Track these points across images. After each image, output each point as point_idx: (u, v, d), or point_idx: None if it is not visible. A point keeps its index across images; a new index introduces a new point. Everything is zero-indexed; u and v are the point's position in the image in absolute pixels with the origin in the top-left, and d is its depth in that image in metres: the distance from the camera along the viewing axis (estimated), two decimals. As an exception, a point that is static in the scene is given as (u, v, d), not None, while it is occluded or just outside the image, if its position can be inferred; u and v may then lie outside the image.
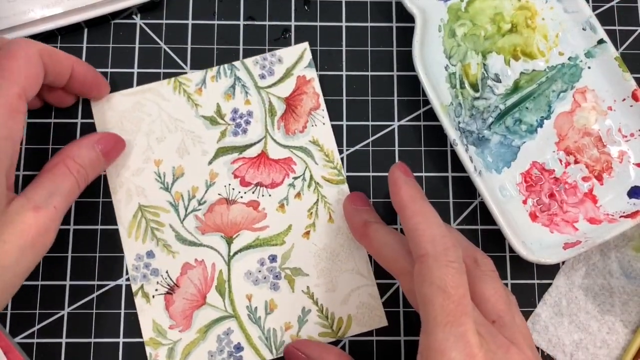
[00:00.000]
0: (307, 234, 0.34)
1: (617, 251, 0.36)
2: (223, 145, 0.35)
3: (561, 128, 0.35)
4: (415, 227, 0.26)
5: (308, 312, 0.33)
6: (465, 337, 0.23)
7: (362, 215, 0.32)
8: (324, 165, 0.35)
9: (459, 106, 0.35)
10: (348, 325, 0.33)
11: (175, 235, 0.34)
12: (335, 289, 0.33)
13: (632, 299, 0.35)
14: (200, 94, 0.35)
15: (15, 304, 0.33)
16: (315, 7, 0.38)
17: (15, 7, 0.34)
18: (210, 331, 0.33)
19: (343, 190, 0.35)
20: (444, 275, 0.24)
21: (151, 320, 0.33)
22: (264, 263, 0.34)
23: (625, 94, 0.35)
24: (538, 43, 0.36)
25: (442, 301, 0.24)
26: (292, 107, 0.35)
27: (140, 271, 0.33)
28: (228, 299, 0.33)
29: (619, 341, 0.35)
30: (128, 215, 0.34)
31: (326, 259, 0.34)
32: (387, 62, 0.37)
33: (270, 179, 0.35)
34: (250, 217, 0.34)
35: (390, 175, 0.29)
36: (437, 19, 0.36)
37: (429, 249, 0.25)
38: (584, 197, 0.34)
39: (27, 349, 0.33)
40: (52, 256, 0.34)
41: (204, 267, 0.33)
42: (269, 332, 0.33)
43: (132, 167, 0.34)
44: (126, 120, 0.34)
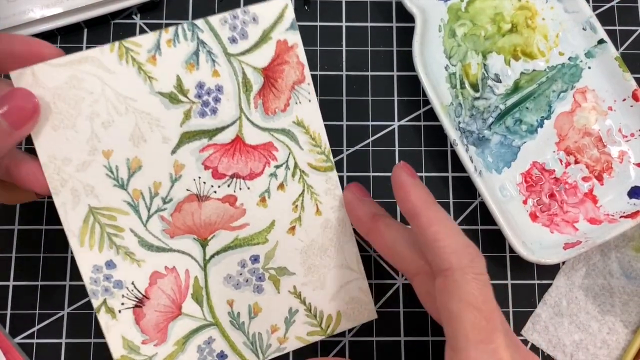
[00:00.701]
0: (293, 230, 0.30)
1: (618, 251, 0.36)
2: (188, 130, 0.28)
3: (561, 128, 0.35)
4: (435, 237, 0.24)
5: (295, 312, 0.30)
6: (497, 354, 0.23)
7: (369, 207, 0.29)
8: (309, 150, 0.30)
9: (459, 106, 0.35)
10: (337, 322, 0.31)
11: (138, 241, 0.29)
12: (324, 286, 0.30)
13: (633, 299, 0.35)
14: (155, 63, 0.28)
15: (15, 304, 0.33)
16: (315, 7, 0.38)
17: (15, 7, 0.34)
18: (189, 342, 0.29)
19: (331, 179, 0.30)
20: (473, 289, 0.23)
21: (120, 337, 0.29)
22: (245, 265, 0.30)
23: (625, 94, 0.35)
24: (538, 43, 0.36)
25: (473, 318, 0.23)
26: (272, 80, 0.29)
27: (101, 284, 0.28)
28: (207, 306, 0.30)
29: (619, 341, 0.35)
30: (77, 220, 0.28)
31: (314, 255, 0.30)
32: (387, 62, 0.37)
33: (248, 169, 0.29)
34: (226, 214, 0.29)
35: (395, 178, 0.27)
36: (437, 19, 0.36)
37: (454, 262, 0.23)
38: (584, 197, 0.34)
39: (27, 349, 0.33)
40: (52, 256, 0.34)
41: (176, 275, 0.29)
42: (254, 337, 0.30)
43: (75, 161, 0.27)
44: (60, 100, 0.27)
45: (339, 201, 0.30)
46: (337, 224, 0.30)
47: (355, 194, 0.30)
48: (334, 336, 0.34)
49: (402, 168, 0.27)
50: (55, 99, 0.27)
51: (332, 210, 0.30)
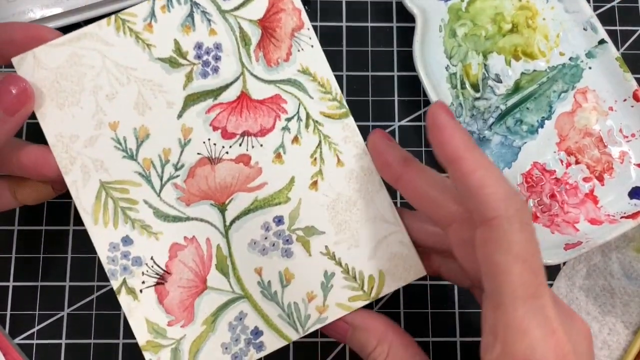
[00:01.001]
0: (315, 185, 0.28)
1: (618, 252, 0.36)
2: (192, 92, 0.28)
3: (562, 128, 0.35)
4: (480, 182, 0.22)
5: (332, 275, 0.28)
6: (544, 311, 0.21)
7: (398, 151, 0.27)
8: (320, 98, 0.29)
9: (459, 106, 0.35)
10: (381, 283, 0.28)
11: (153, 213, 0.28)
12: (359, 244, 0.28)
13: (633, 299, 0.35)
14: (151, 30, 0.28)
15: (14, 305, 0.33)
16: (315, 7, 0.38)
17: (15, 7, 0.34)
18: (219, 320, 0.27)
19: (348, 126, 0.29)
20: (522, 241, 0.21)
21: (144, 320, 0.27)
22: (270, 228, 0.28)
23: (626, 94, 0.35)
24: (539, 43, 0.36)
25: (521, 271, 0.21)
26: (270, 30, 0.28)
27: (119, 263, 0.27)
28: (234, 277, 0.28)
29: (620, 342, 0.35)
30: (89, 197, 0.27)
31: (343, 210, 0.28)
32: (387, 62, 0.37)
33: (258, 126, 0.28)
34: (242, 175, 0.28)
35: (432, 118, 0.23)
36: (437, 19, 0.36)
37: (502, 210, 0.21)
38: (584, 198, 0.34)
39: (26, 350, 0.33)
40: (52, 257, 0.34)
41: (197, 245, 0.28)
42: (290, 308, 0.28)
43: (83, 137, 0.27)
44: (63, 79, 0.27)
45: (360, 149, 0.29)
46: (363, 173, 0.28)
47: (383, 138, 0.28)
48: (334, 337, 0.34)
49: (440, 107, 0.24)
50: (58, 78, 0.27)
51: (355, 159, 0.28)
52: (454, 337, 0.34)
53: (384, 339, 0.26)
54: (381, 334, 0.26)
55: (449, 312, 0.34)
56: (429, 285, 0.35)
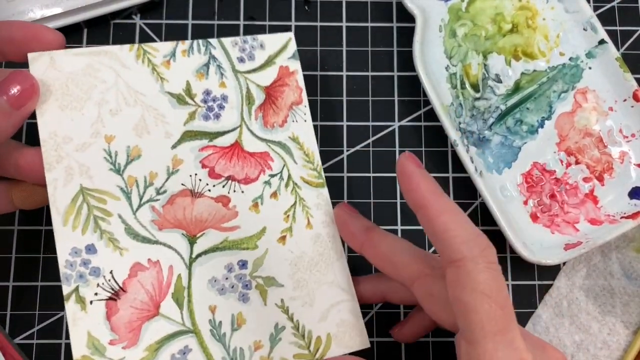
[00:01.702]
0: (283, 239, 0.30)
1: (618, 252, 0.36)
2: (191, 129, 0.30)
3: (562, 128, 0.35)
4: (445, 227, 0.23)
5: (282, 329, 0.29)
6: (514, 344, 0.22)
7: (361, 221, 0.29)
8: (303, 165, 0.31)
9: (459, 106, 0.35)
10: (327, 346, 0.29)
11: (125, 229, 0.28)
12: (313, 304, 0.29)
13: (633, 299, 0.35)
14: (168, 67, 0.30)
15: (14, 304, 0.33)
16: (315, 7, 0.38)
17: (14, 7, 0.34)
18: (162, 349, 0.27)
19: (322, 195, 0.31)
20: (487, 279, 0.22)
21: (86, 333, 0.26)
22: (233, 269, 0.29)
23: (626, 94, 0.35)
24: (539, 43, 0.36)
25: (488, 308, 0.22)
26: (273, 98, 0.31)
27: (76, 269, 0.27)
28: (187, 310, 0.28)
29: (620, 342, 0.35)
30: (65, 198, 0.27)
31: (303, 269, 0.30)
32: (387, 62, 0.37)
33: (244, 174, 0.30)
34: (218, 214, 0.29)
35: (401, 168, 0.26)
36: (437, 19, 0.36)
37: (465, 252, 0.23)
38: (584, 198, 0.34)
39: (26, 350, 0.33)
40: (52, 257, 0.34)
41: (158, 270, 0.28)
42: (235, 353, 0.28)
43: (76, 141, 0.28)
44: (73, 84, 0.28)
45: (329, 217, 0.31)
46: (328, 239, 0.31)
47: (346, 211, 0.30)
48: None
49: (408, 158, 0.26)
50: (68, 82, 0.28)
51: (323, 225, 0.31)
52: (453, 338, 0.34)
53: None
54: None
55: (449, 312, 0.34)
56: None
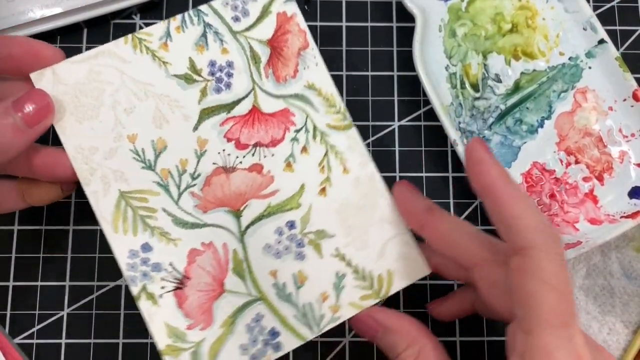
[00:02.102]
0: (323, 191, 0.30)
1: (618, 252, 0.36)
2: (206, 106, 0.30)
3: (562, 128, 0.35)
4: (515, 213, 0.23)
5: (343, 276, 0.29)
6: (573, 340, 0.22)
7: (422, 200, 0.28)
8: (326, 111, 0.31)
9: (459, 106, 0.35)
10: (390, 282, 0.29)
11: (172, 220, 0.29)
12: (367, 246, 0.30)
13: (633, 299, 0.35)
14: (167, 49, 0.30)
15: (15, 304, 0.33)
16: (315, 7, 0.38)
17: (14, 7, 0.34)
18: (237, 321, 0.28)
19: (352, 136, 0.30)
20: (555, 270, 0.22)
21: (164, 325, 0.28)
22: (283, 232, 0.29)
23: (625, 94, 0.35)
24: (539, 43, 0.36)
25: (552, 300, 0.22)
26: (278, 49, 0.31)
27: (139, 269, 0.28)
28: (250, 280, 0.29)
29: (620, 342, 0.35)
30: (109, 206, 0.28)
31: (350, 215, 0.30)
32: (387, 62, 0.37)
33: (269, 137, 0.30)
34: (255, 183, 0.30)
35: (471, 153, 0.25)
36: (437, 19, 0.36)
37: (536, 240, 0.22)
38: (584, 198, 0.34)
39: (26, 350, 0.33)
40: (52, 257, 0.34)
41: (214, 250, 0.29)
42: (305, 308, 0.29)
43: (102, 149, 0.28)
44: (82, 95, 0.28)
45: (364, 157, 0.30)
46: (367, 179, 0.30)
47: (407, 188, 0.29)
48: (334, 336, 0.34)
49: (479, 143, 0.25)
50: (77, 94, 0.28)
51: (359, 167, 0.30)
52: (453, 337, 0.34)
53: (414, 342, 0.27)
54: (412, 337, 0.27)
55: (448, 311, 0.34)
56: (429, 285, 0.35)
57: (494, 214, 0.24)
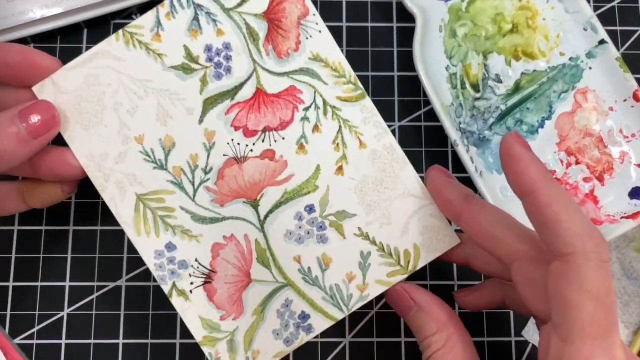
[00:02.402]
0: (340, 170, 0.29)
1: (618, 252, 0.36)
2: (208, 95, 0.29)
3: (562, 128, 0.35)
4: (557, 217, 0.22)
5: (368, 254, 0.29)
6: (611, 352, 0.21)
7: (459, 188, 0.27)
8: (335, 82, 0.29)
9: (459, 106, 0.35)
10: (417, 256, 0.29)
11: (191, 217, 0.29)
12: (390, 221, 0.29)
13: (633, 299, 0.35)
14: (160, 39, 0.28)
15: (14, 304, 0.33)
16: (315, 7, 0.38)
17: (14, 7, 0.34)
18: (267, 308, 0.29)
19: (366, 107, 0.29)
20: (596, 278, 0.21)
21: (198, 318, 0.28)
22: (302, 217, 0.29)
23: (626, 94, 0.35)
24: (539, 43, 0.36)
25: (592, 310, 0.21)
26: (276, 22, 0.29)
27: (166, 268, 0.28)
28: (275, 267, 0.29)
29: (620, 342, 0.35)
30: (128, 211, 0.28)
31: (370, 191, 0.29)
32: (387, 62, 0.37)
33: (277, 119, 0.29)
34: (269, 170, 0.29)
35: (506, 149, 0.24)
36: (437, 19, 0.36)
37: (578, 246, 0.21)
38: (585, 198, 0.34)
39: (26, 350, 0.33)
40: (52, 257, 0.34)
41: (236, 242, 0.29)
42: (332, 290, 0.29)
43: (112, 154, 0.28)
44: (84, 100, 0.28)
45: (381, 128, 0.29)
46: (386, 152, 0.29)
47: (441, 175, 0.28)
48: (334, 336, 0.34)
49: (515, 138, 0.24)
50: (79, 100, 0.28)
51: (376, 139, 0.29)
52: (454, 337, 0.34)
53: (444, 328, 0.26)
54: (443, 323, 0.27)
55: (449, 312, 0.34)
56: (429, 285, 0.35)
57: (534, 216, 0.23)
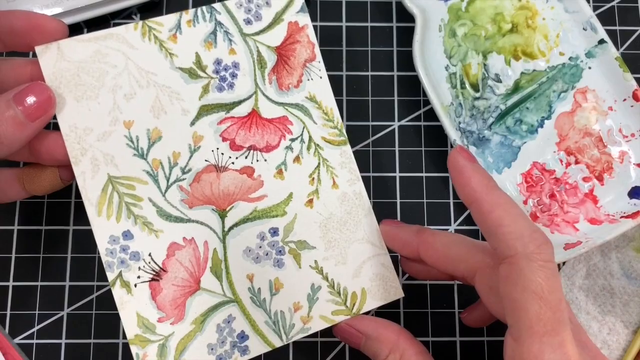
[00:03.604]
0: (310, 202, 0.30)
1: (618, 252, 0.36)
2: (207, 103, 0.30)
3: (562, 128, 0.35)
4: (498, 222, 0.23)
5: (318, 289, 0.30)
6: (563, 348, 0.22)
7: (409, 227, 0.29)
8: (323, 124, 0.31)
9: (459, 106, 0.35)
10: (363, 300, 0.30)
11: (157, 211, 0.29)
12: (345, 262, 0.30)
13: (633, 299, 0.35)
14: (175, 41, 0.30)
15: (14, 304, 0.33)
16: (315, 7, 0.38)
17: (14, 7, 0.34)
18: (208, 320, 0.28)
19: (345, 152, 0.31)
20: (539, 278, 0.22)
21: (135, 314, 0.28)
22: (265, 237, 0.30)
23: (625, 94, 0.35)
24: (539, 43, 0.36)
25: (538, 308, 0.21)
26: (285, 58, 0.31)
27: (117, 256, 0.28)
28: (226, 281, 0.29)
29: (620, 342, 0.35)
30: (96, 189, 0.28)
31: (333, 230, 0.30)
32: (387, 62, 0.37)
33: (264, 142, 0.30)
34: (245, 185, 0.30)
35: (452, 162, 0.25)
36: (437, 19, 0.36)
37: (519, 248, 0.22)
38: (584, 198, 0.34)
39: (26, 350, 0.33)
40: (52, 257, 0.34)
41: (194, 247, 0.29)
42: (277, 316, 0.29)
43: (97, 131, 0.28)
44: (85, 73, 0.28)
45: (354, 175, 0.31)
46: (354, 197, 0.31)
47: (391, 225, 0.30)
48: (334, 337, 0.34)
49: (460, 152, 0.25)
50: (79, 72, 0.28)
51: (349, 184, 0.31)
52: (453, 337, 0.34)
53: (395, 348, 0.27)
54: (393, 343, 0.27)
55: (448, 312, 0.34)
56: (429, 285, 0.35)
57: (479, 223, 0.24)
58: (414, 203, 0.35)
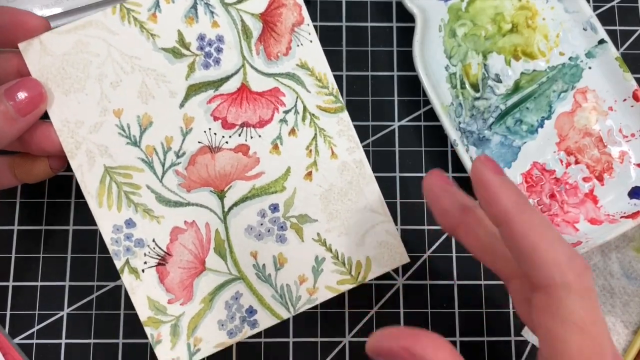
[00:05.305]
0: (309, 175, 0.30)
1: (618, 252, 0.36)
2: (194, 82, 0.29)
3: (562, 128, 0.35)
4: (533, 247, 0.20)
5: (322, 260, 0.30)
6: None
7: (457, 197, 0.25)
8: (317, 92, 0.30)
9: (459, 106, 0.35)
10: (368, 268, 0.30)
11: (155, 197, 0.29)
12: (349, 232, 0.30)
13: (633, 299, 0.35)
14: (156, 20, 0.29)
15: (14, 304, 0.33)
16: (315, 7, 0.38)
17: (15, 7, 0.34)
18: (216, 298, 0.29)
19: (343, 120, 0.30)
20: (581, 309, 0.20)
21: (145, 298, 0.29)
22: (265, 214, 0.30)
23: (626, 94, 0.35)
24: (539, 43, 0.36)
25: (580, 341, 0.20)
26: (271, 24, 0.30)
27: (122, 244, 0.29)
28: (230, 259, 0.29)
29: (620, 342, 0.35)
30: (94, 181, 0.28)
31: (334, 201, 0.30)
32: (387, 62, 0.37)
33: (257, 117, 0.29)
34: (240, 164, 0.29)
35: (476, 175, 0.22)
36: (437, 19, 0.36)
37: (557, 278, 0.20)
38: (584, 198, 0.34)
39: (26, 350, 0.33)
40: (52, 256, 0.34)
41: (196, 229, 0.29)
42: (283, 289, 0.29)
43: (88, 123, 0.28)
44: (69, 65, 0.28)
45: (353, 142, 0.30)
46: (355, 166, 0.30)
47: (439, 182, 0.25)
48: (334, 336, 0.34)
49: (484, 163, 0.22)
50: (64, 65, 0.28)
51: (348, 152, 0.30)
52: (454, 337, 0.34)
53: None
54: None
55: (448, 312, 0.34)
56: (429, 285, 0.35)
57: (511, 246, 0.21)
58: (414, 203, 0.35)
